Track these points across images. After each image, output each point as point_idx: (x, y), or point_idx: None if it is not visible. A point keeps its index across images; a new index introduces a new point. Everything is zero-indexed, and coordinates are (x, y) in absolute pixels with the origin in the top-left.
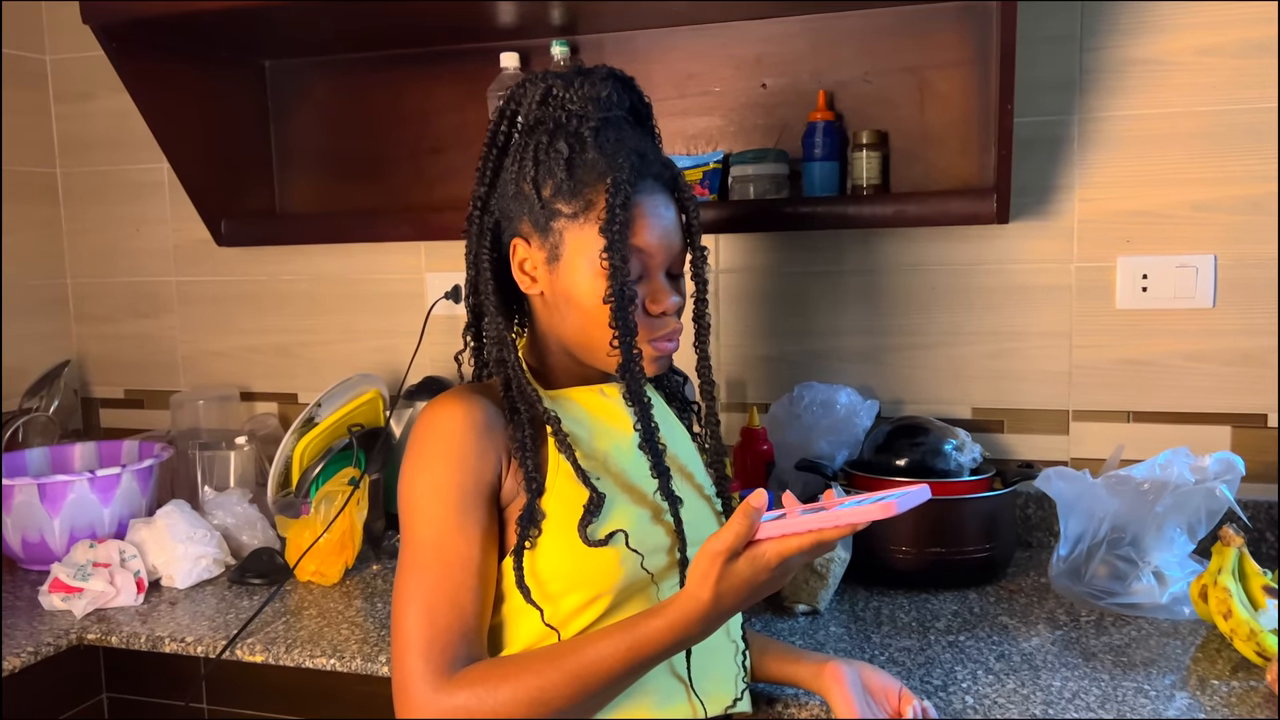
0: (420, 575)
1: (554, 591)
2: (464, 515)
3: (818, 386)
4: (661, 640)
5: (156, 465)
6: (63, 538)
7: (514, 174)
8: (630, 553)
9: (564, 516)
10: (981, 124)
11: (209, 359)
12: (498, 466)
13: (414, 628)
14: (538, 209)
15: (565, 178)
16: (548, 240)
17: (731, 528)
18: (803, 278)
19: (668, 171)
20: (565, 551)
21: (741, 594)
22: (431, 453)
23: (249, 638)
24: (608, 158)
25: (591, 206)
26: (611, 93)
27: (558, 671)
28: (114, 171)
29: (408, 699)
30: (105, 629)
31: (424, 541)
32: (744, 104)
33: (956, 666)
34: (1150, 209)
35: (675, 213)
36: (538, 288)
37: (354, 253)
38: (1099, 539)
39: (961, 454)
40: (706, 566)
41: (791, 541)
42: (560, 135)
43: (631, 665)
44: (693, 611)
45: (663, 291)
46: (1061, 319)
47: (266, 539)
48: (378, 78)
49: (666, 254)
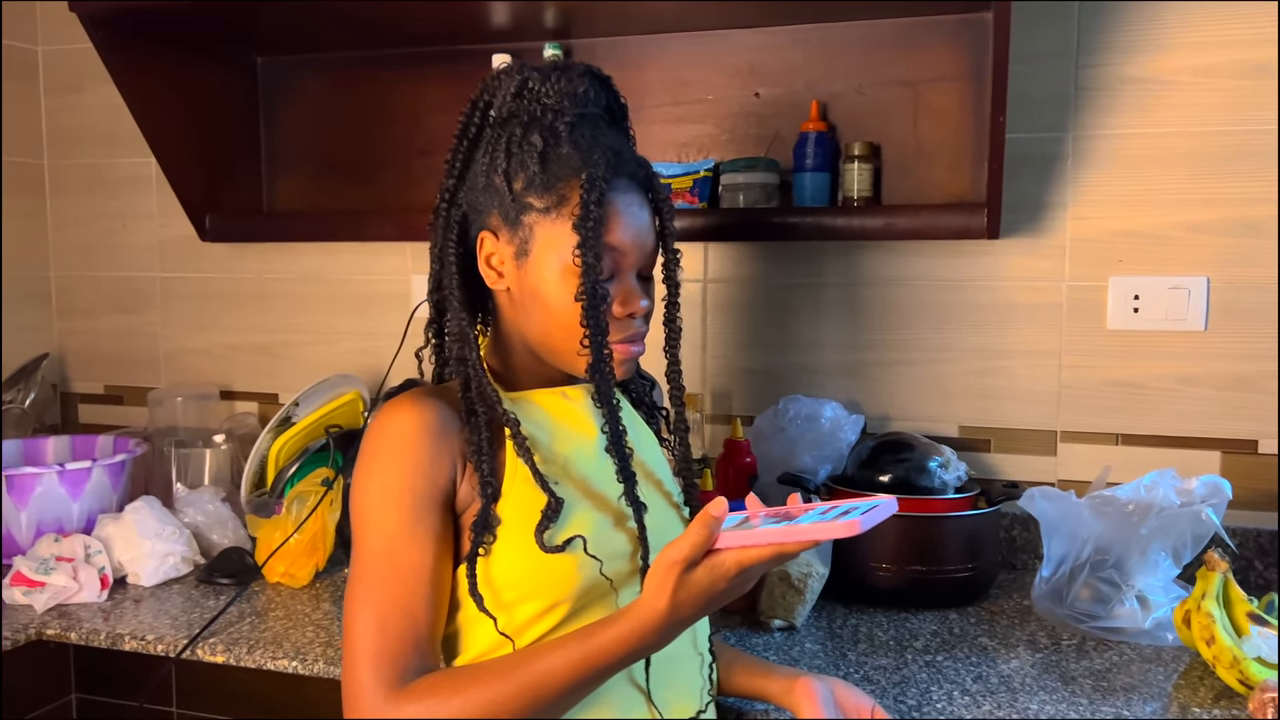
0: (371, 584)
1: (509, 600)
2: (416, 522)
3: (803, 400)
4: (617, 650)
5: (129, 461)
6: (29, 531)
7: (485, 166)
8: (588, 559)
9: (520, 522)
10: (975, 139)
11: (190, 356)
12: (452, 472)
13: (364, 637)
14: (508, 202)
15: (538, 171)
16: (517, 234)
17: (689, 537)
18: (791, 289)
19: (642, 171)
20: (521, 558)
21: (699, 603)
22: (384, 458)
23: (211, 637)
24: (583, 153)
25: (565, 202)
26: (589, 89)
27: (509, 683)
28: (101, 165)
29: (357, 710)
30: (65, 625)
31: (375, 549)
32: (736, 112)
33: (932, 687)
34: (1143, 229)
35: (649, 214)
36: (504, 283)
37: (340, 252)
38: (1082, 561)
39: (946, 472)
40: (663, 575)
41: (751, 552)
42: (535, 128)
43: (586, 676)
44: (649, 621)
45: (633, 293)
46: (1051, 338)
47: (237, 539)
48: (370, 77)
49: (639, 254)
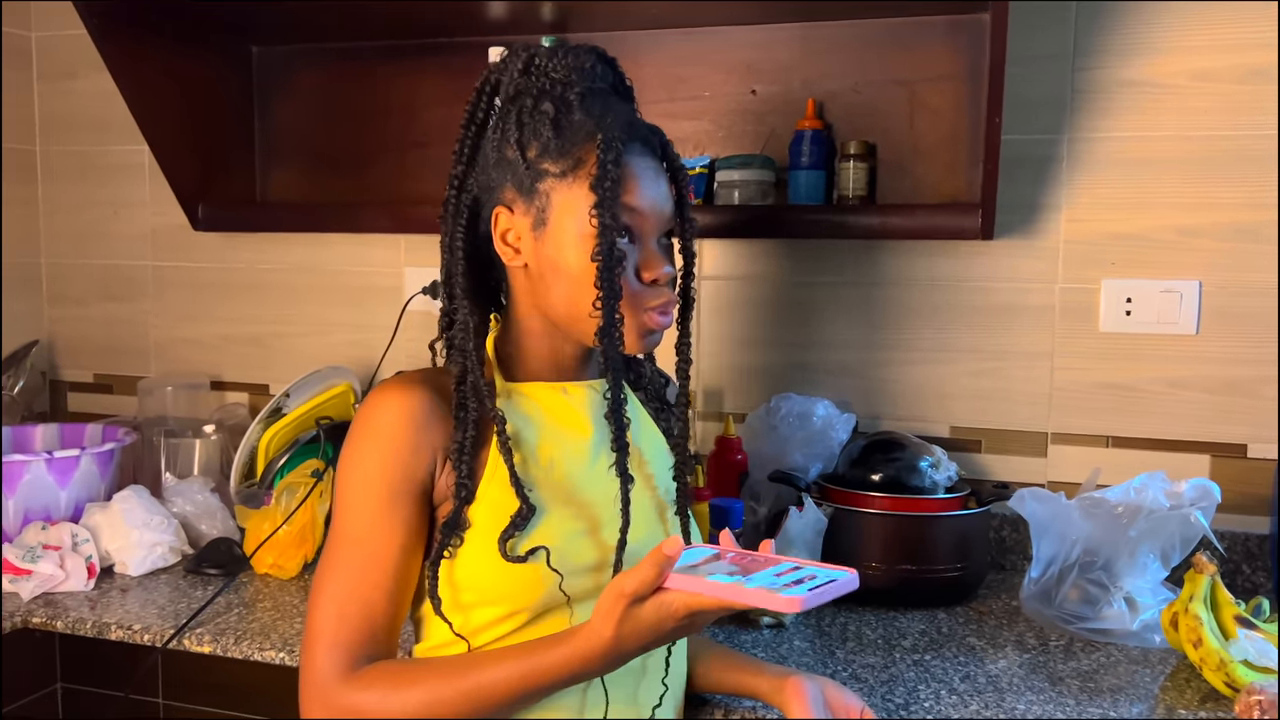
0: (337, 569)
1: (467, 601)
2: (389, 512)
3: (795, 398)
4: (558, 672)
5: (117, 450)
6: (16, 519)
7: (496, 142)
8: (550, 573)
9: (490, 526)
10: (971, 140)
11: (181, 346)
12: (431, 464)
13: (324, 621)
14: (522, 171)
15: (552, 136)
16: (533, 204)
17: (639, 572)
18: (784, 287)
19: (656, 138)
20: (486, 563)
21: (644, 638)
22: (365, 443)
23: (198, 628)
24: (595, 118)
25: (581, 164)
26: (595, 65)
27: (452, 688)
28: (94, 152)
29: (309, 691)
30: (51, 613)
31: (347, 535)
32: (733, 109)
33: (920, 686)
34: (1137, 232)
35: (666, 181)
36: (521, 259)
37: (333, 244)
38: (1071, 562)
39: (937, 472)
40: (610, 605)
41: (701, 599)
42: (545, 98)
43: (526, 692)
44: (594, 648)
45: (656, 258)
46: (1044, 340)
47: (226, 529)
48: (365, 69)
49: (658, 220)
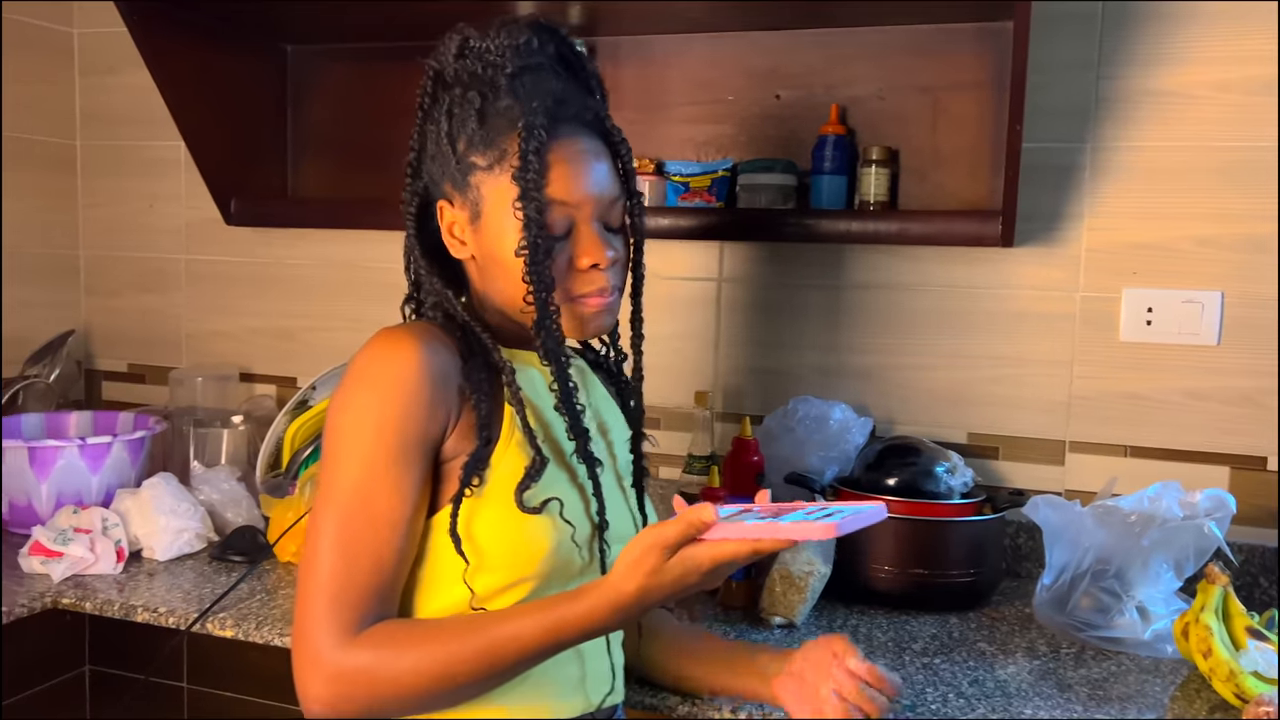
0: (343, 522)
1: (474, 564)
2: (401, 467)
3: (813, 401)
4: (578, 625)
5: (148, 438)
6: (49, 503)
7: (433, 134)
8: (563, 524)
9: (500, 484)
10: (993, 147)
11: (212, 338)
12: (445, 420)
13: (327, 576)
14: (453, 166)
15: (477, 128)
16: (468, 198)
17: (677, 525)
18: (804, 290)
19: (590, 113)
20: (496, 521)
21: (667, 591)
22: (379, 391)
23: (222, 612)
24: (522, 102)
25: (505, 155)
26: (531, 39)
27: (468, 645)
28: (132, 146)
29: (306, 650)
30: (81, 594)
31: (353, 486)
32: (756, 114)
33: (928, 689)
34: (1159, 242)
35: (607, 160)
36: (467, 251)
37: (362, 240)
38: (1084, 570)
39: (953, 477)
40: (639, 556)
41: (728, 547)
42: (475, 85)
43: (545, 646)
44: (615, 600)
45: (593, 243)
46: (1063, 348)
47: (251, 517)
48: (396, 67)
49: (596, 205)
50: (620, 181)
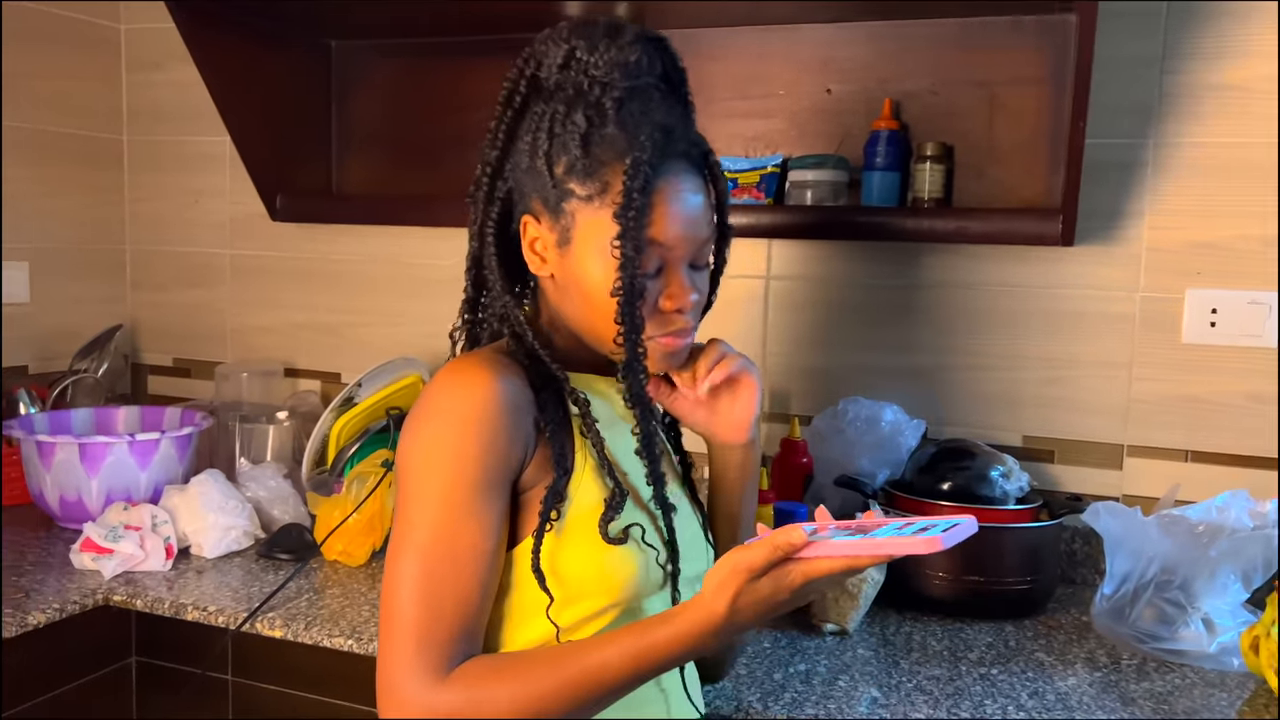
0: (426, 560)
1: (557, 596)
2: (483, 502)
3: (863, 402)
4: (669, 650)
5: (195, 434)
6: (99, 498)
7: (528, 144)
8: (646, 549)
9: (578, 515)
10: (1051, 143)
11: (256, 333)
12: (524, 452)
13: (412, 617)
14: (549, 188)
15: (580, 155)
16: (559, 222)
17: (763, 549)
18: (855, 289)
19: (696, 150)
20: (576, 553)
21: (759, 611)
22: (456, 425)
23: (270, 612)
24: (629, 134)
25: (607, 189)
26: (641, 57)
27: (558, 677)
28: (178, 142)
29: (393, 692)
30: (131, 591)
31: (434, 523)
32: (806, 108)
33: (987, 700)
34: (1223, 241)
35: (704, 195)
36: (548, 269)
37: (405, 236)
38: (1147, 580)
39: (1008, 482)
40: (726, 577)
41: (821, 564)
42: (579, 105)
43: (636, 674)
44: (704, 623)
45: (681, 288)
46: (1122, 349)
47: (297, 515)
48: (441, 63)
49: (689, 245)
50: (714, 219)
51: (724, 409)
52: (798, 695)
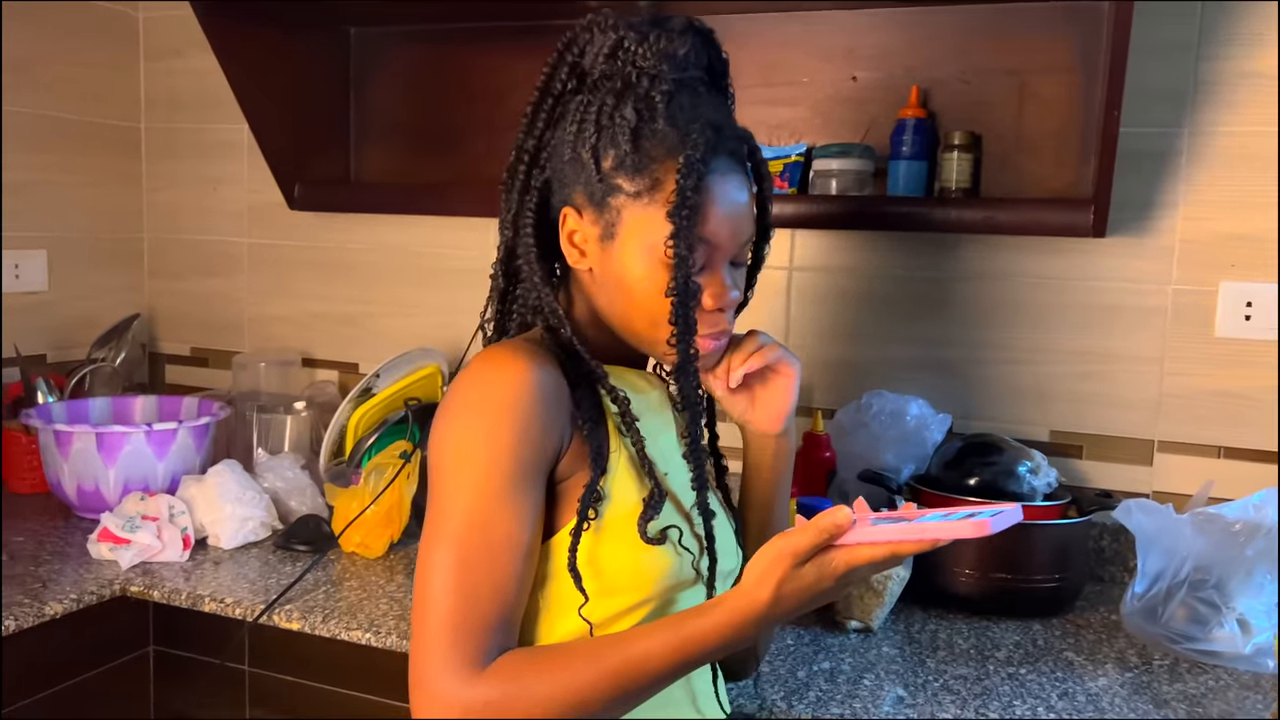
0: (461, 551)
1: (592, 591)
2: (519, 492)
3: (888, 395)
4: (711, 640)
5: (213, 424)
6: (116, 488)
7: (572, 135)
8: (684, 551)
9: (616, 510)
10: (1082, 133)
11: (274, 323)
12: (559, 442)
13: (447, 610)
14: (595, 181)
15: (630, 150)
16: (603, 216)
17: (808, 533)
18: (880, 281)
19: (744, 146)
20: (618, 548)
21: (801, 599)
22: (491, 415)
23: (287, 604)
24: (680, 130)
25: (658, 186)
26: (690, 50)
27: (598, 670)
28: (196, 130)
29: (428, 686)
30: (148, 582)
31: (469, 513)
32: (831, 96)
33: (1015, 700)
34: (1259, 233)
35: (749, 192)
36: (586, 263)
37: (424, 226)
38: (1180, 579)
39: (1036, 477)
40: (770, 564)
41: (863, 551)
42: (628, 98)
43: (676, 666)
44: (747, 611)
45: (723, 288)
46: (1154, 343)
47: (315, 506)
48: (460, 51)
49: (734, 243)
50: (756, 213)
51: (762, 398)
52: (822, 694)
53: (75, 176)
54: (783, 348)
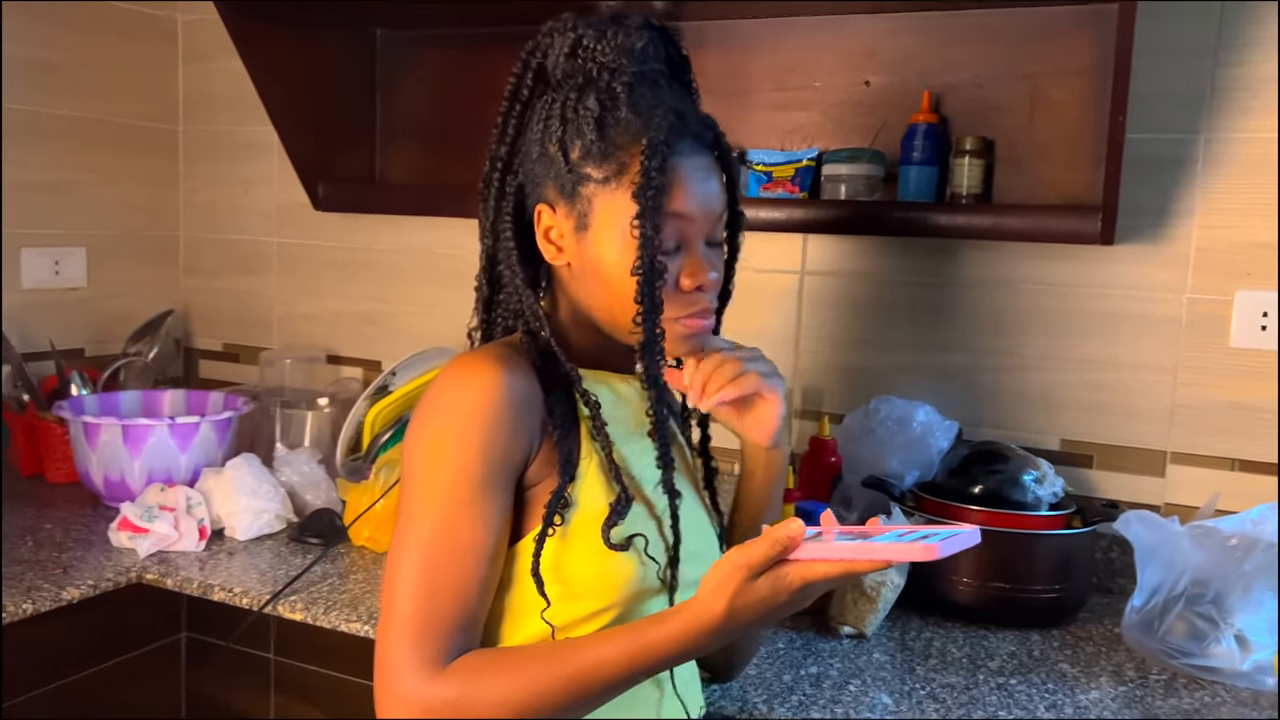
0: (426, 554)
1: (555, 595)
2: (485, 497)
3: (895, 401)
4: (666, 649)
5: (235, 418)
6: (141, 479)
7: (539, 134)
8: (648, 559)
9: (584, 515)
10: (1095, 138)
11: (301, 320)
12: (528, 447)
13: (411, 610)
14: (564, 173)
15: (595, 139)
16: (575, 207)
17: (761, 545)
18: (890, 286)
19: (709, 131)
20: (579, 552)
21: (757, 612)
22: (460, 420)
23: (293, 595)
24: (643, 116)
25: (624, 170)
26: (648, 44)
27: (553, 674)
28: (230, 131)
29: (390, 684)
30: (164, 570)
31: (436, 517)
32: (843, 100)
33: (1000, 711)
34: (1276, 241)
35: (717, 177)
36: (564, 258)
37: (447, 227)
38: (1178, 592)
39: (1041, 487)
40: (725, 577)
41: (818, 568)
42: (590, 91)
43: (632, 672)
44: (703, 623)
45: (700, 266)
46: (1167, 353)
47: (330, 500)
48: (484, 54)
49: (706, 221)
50: (726, 198)
51: (749, 415)
52: (805, 698)
53: (114, 176)
54: (765, 370)
